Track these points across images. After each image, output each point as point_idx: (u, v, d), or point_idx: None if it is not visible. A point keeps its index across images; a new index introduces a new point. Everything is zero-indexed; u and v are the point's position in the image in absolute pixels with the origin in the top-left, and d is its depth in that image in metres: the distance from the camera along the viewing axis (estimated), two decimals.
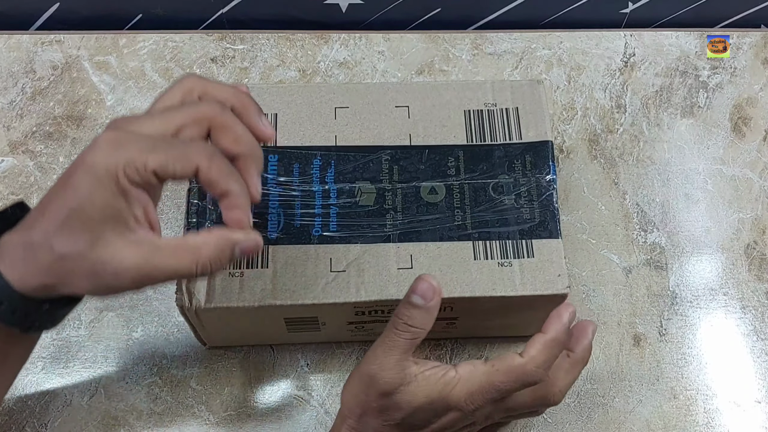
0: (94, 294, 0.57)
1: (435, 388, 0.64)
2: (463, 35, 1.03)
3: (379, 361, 0.65)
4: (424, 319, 0.64)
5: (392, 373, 0.64)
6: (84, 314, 0.84)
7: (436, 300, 0.64)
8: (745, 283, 0.90)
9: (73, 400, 0.81)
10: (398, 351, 0.64)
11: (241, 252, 0.59)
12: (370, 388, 0.65)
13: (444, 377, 0.65)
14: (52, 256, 0.54)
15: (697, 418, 0.83)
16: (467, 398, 0.64)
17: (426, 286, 0.64)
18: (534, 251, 0.74)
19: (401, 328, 0.64)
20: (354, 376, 0.68)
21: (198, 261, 0.57)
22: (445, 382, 0.64)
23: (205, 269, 0.57)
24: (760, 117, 0.99)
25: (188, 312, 0.71)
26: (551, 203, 0.76)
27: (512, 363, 0.64)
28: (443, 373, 0.65)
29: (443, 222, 0.75)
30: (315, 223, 0.74)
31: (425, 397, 0.64)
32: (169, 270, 0.56)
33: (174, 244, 0.57)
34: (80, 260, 0.54)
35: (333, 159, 0.77)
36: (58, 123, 0.94)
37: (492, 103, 0.80)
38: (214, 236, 0.58)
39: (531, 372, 0.64)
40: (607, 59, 1.02)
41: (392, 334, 0.65)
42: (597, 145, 0.96)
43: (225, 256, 0.58)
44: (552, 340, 0.65)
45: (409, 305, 0.64)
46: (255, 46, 1.01)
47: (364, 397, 0.66)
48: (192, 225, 0.73)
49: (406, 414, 0.65)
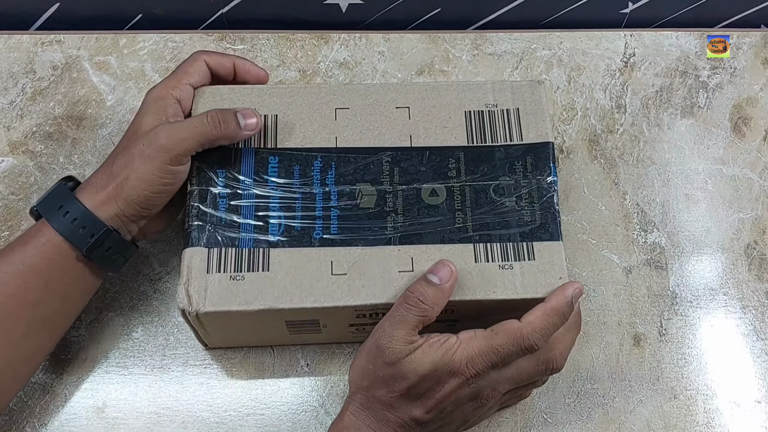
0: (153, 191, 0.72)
1: (437, 353, 0.66)
2: (463, 35, 1.03)
3: (387, 333, 0.67)
4: (436, 298, 0.68)
5: (399, 344, 0.66)
6: (84, 314, 0.84)
7: (452, 283, 0.69)
8: (745, 283, 0.90)
9: (73, 400, 0.81)
10: (406, 326, 0.67)
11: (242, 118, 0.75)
12: (378, 359, 0.67)
13: (446, 343, 0.67)
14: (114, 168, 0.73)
15: (697, 418, 0.83)
16: (468, 362, 0.66)
17: (445, 270, 0.69)
18: (535, 253, 0.74)
19: (412, 303, 0.67)
20: (361, 350, 0.70)
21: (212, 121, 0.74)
22: (447, 347, 0.67)
23: (217, 131, 0.74)
24: (760, 117, 0.99)
25: (189, 315, 0.71)
26: (552, 205, 0.76)
27: (510, 326, 0.67)
28: (445, 339, 0.67)
29: (444, 224, 0.75)
30: (316, 226, 0.74)
31: (430, 363, 0.66)
32: (196, 134, 0.73)
33: (193, 118, 0.75)
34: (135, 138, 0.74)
35: (333, 161, 0.77)
36: (58, 123, 0.94)
37: (492, 104, 0.80)
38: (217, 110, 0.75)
39: (527, 335, 0.67)
40: (607, 59, 1.02)
41: (402, 309, 0.67)
42: (597, 146, 0.96)
43: (232, 119, 0.74)
44: (551, 309, 0.69)
45: (425, 282, 0.68)
46: (255, 46, 1.01)
47: (371, 368, 0.68)
48: (192, 228, 0.73)
49: (412, 383, 0.66)
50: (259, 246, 0.73)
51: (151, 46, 1.00)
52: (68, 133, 0.94)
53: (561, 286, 0.71)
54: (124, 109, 0.95)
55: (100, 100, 0.96)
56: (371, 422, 0.69)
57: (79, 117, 0.95)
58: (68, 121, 0.94)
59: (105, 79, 0.97)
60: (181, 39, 1.01)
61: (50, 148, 0.93)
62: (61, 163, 0.92)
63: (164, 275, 0.87)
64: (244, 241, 0.73)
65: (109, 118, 0.95)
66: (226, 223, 0.73)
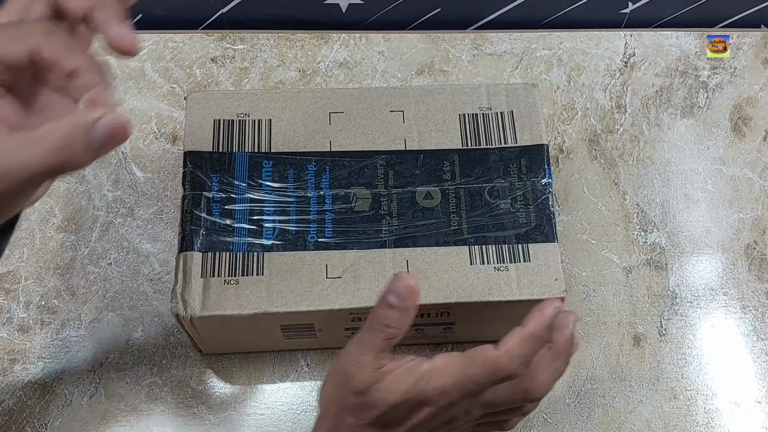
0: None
1: (408, 381, 0.61)
2: (463, 35, 1.03)
3: (354, 359, 0.62)
4: (401, 320, 0.62)
5: (367, 371, 0.61)
6: (84, 314, 0.85)
7: (413, 300, 0.62)
8: (745, 283, 0.90)
9: (73, 400, 0.81)
10: (373, 351, 0.62)
11: (105, 133, 0.51)
12: (345, 387, 0.63)
13: (417, 371, 0.61)
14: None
15: (697, 418, 0.83)
16: (441, 392, 0.61)
17: (402, 286, 0.62)
18: (530, 255, 0.74)
19: (377, 328, 0.62)
20: (329, 376, 0.66)
21: (45, 150, 0.49)
22: (419, 376, 0.61)
23: (57, 158, 0.50)
24: (760, 117, 0.99)
25: (183, 320, 0.71)
26: (547, 207, 0.76)
27: (486, 355, 0.61)
28: (417, 366, 0.61)
29: (439, 227, 0.75)
30: (310, 230, 0.74)
31: (401, 393, 0.61)
32: (18, 166, 0.50)
33: (20, 138, 0.50)
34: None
35: (328, 164, 0.77)
36: None
37: (487, 107, 0.80)
38: (65, 121, 0.50)
39: (504, 365, 0.60)
40: (607, 59, 1.02)
41: (368, 334, 0.62)
42: (597, 146, 0.96)
43: (78, 141, 0.50)
44: (529, 335, 0.61)
45: (385, 305, 0.62)
46: (255, 46, 1.01)
47: (339, 395, 0.64)
48: (186, 232, 0.73)
49: (381, 412, 0.62)
50: (254, 250, 0.73)
51: (151, 46, 1.00)
52: None
53: (539, 307, 0.64)
54: (124, 109, 0.95)
55: None
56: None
57: None
58: None
59: None
60: (181, 39, 1.01)
61: None
62: None
63: (164, 275, 0.87)
64: (239, 245, 0.73)
65: None
66: (220, 228, 0.74)
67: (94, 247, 0.88)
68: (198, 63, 0.99)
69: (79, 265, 0.87)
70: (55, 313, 0.85)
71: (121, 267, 0.87)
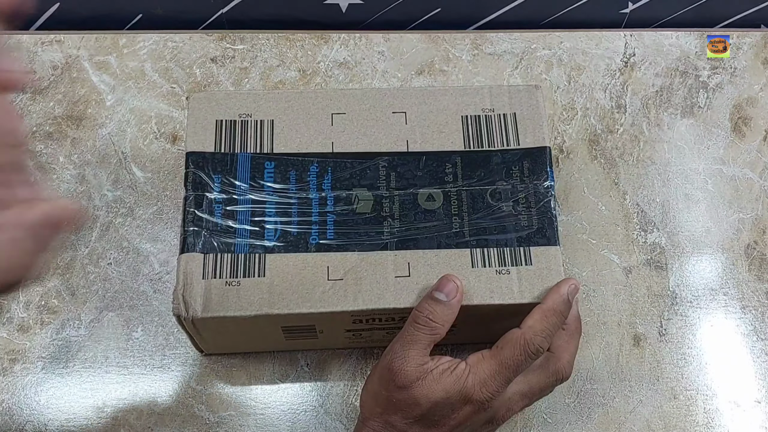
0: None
1: (449, 381, 0.65)
2: (463, 35, 1.03)
3: (397, 355, 0.66)
4: (445, 315, 0.67)
5: (411, 366, 0.66)
6: (84, 314, 0.85)
7: (459, 297, 0.69)
8: (745, 283, 0.90)
9: (73, 400, 0.81)
10: (417, 346, 0.66)
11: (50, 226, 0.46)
12: (390, 383, 0.66)
13: (456, 370, 0.66)
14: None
15: (697, 418, 0.83)
16: (481, 386, 0.66)
17: (451, 285, 0.69)
18: (532, 258, 0.74)
19: (422, 322, 0.67)
20: (372, 374, 0.69)
21: None
22: (458, 374, 0.66)
23: None
24: (760, 117, 0.99)
25: (185, 321, 0.71)
26: (549, 210, 0.76)
27: (512, 336, 0.67)
28: (455, 365, 0.67)
29: (441, 229, 0.75)
30: (312, 231, 0.74)
31: (442, 391, 0.65)
32: None
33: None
34: None
35: (330, 166, 0.77)
36: (58, 123, 0.94)
37: (489, 109, 0.80)
38: None
39: (530, 339, 0.66)
40: (607, 59, 1.02)
41: (412, 329, 0.67)
42: (597, 146, 0.96)
43: None
44: (549, 309, 0.68)
45: (432, 300, 0.67)
46: (255, 46, 1.01)
47: (384, 393, 0.67)
48: (188, 233, 0.73)
49: (425, 410, 0.66)
50: (255, 251, 0.73)
51: (151, 46, 1.00)
52: (68, 133, 0.94)
53: (555, 285, 0.71)
54: (124, 109, 0.95)
55: (100, 100, 0.96)
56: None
57: (78, 117, 0.95)
58: (68, 121, 0.95)
59: (105, 78, 0.98)
60: (181, 39, 1.01)
61: (50, 148, 0.93)
62: (61, 162, 0.92)
63: (164, 275, 0.87)
64: (240, 246, 0.73)
65: (108, 117, 0.95)
66: (221, 229, 0.73)
67: (94, 247, 0.88)
68: (198, 63, 0.99)
69: (79, 265, 0.87)
70: (55, 313, 0.85)
71: (121, 267, 0.87)
